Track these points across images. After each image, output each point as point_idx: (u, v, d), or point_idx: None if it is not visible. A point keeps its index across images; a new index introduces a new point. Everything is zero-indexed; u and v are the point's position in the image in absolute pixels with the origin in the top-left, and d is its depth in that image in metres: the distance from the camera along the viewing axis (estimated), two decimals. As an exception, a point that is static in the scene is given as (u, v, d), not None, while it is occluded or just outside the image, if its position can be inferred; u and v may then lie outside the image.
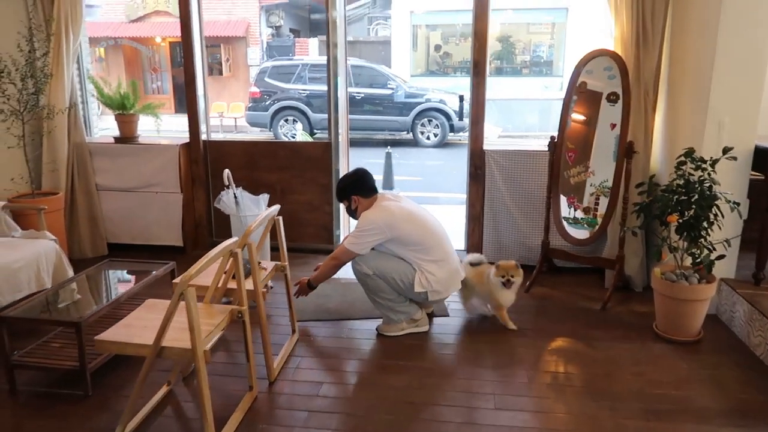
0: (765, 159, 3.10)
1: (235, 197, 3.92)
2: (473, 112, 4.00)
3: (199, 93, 4.35)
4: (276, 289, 3.68)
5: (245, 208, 3.92)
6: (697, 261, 2.95)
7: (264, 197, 4.05)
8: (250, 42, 16.27)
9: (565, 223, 3.73)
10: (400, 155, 9.88)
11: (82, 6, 4.07)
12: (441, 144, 11.41)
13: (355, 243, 2.98)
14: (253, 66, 15.46)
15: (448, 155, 10.67)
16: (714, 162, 2.94)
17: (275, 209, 2.94)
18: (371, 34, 18.48)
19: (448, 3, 14.57)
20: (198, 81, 4.31)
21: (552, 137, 3.70)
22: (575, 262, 3.81)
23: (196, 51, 4.27)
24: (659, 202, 3.07)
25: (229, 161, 4.36)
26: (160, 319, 2.05)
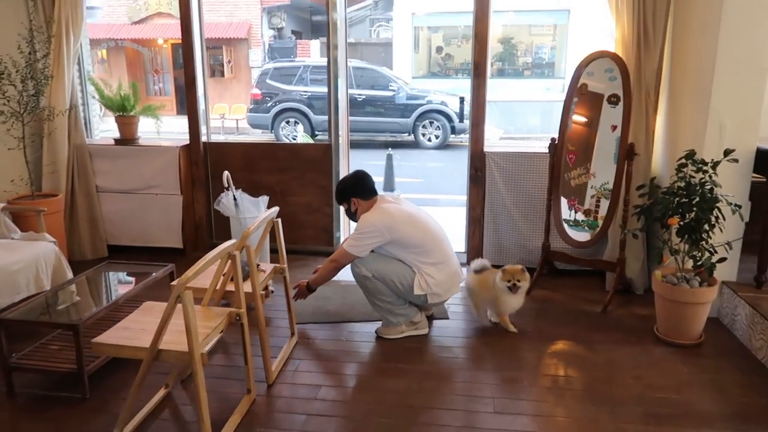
0: (766, 161, 3.08)
1: (235, 199, 3.92)
2: (474, 114, 3.99)
3: (200, 95, 4.34)
4: (275, 292, 3.67)
5: (245, 210, 3.92)
6: (699, 264, 2.93)
7: (264, 199, 4.05)
8: (252, 44, 16.29)
9: (566, 226, 3.71)
10: (401, 157, 9.88)
11: (82, 8, 4.07)
12: (442, 146, 11.40)
13: (355, 245, 2.97)
14: (255, 68, 15.48)
15: (449, 157, 10.66)
16: (715, 164, 2.92)
17: (274, 211, 2.93)
18: (373, 35, 18.49)
19: (449, 5, 14.56)
20: (198, 83, 4.30)
21: (553, 139, 3.69)
22: (576, 264, 3.80)
23: (196, 52, 4.27)
24: (660, 204, 3.06)
25: (229, 163, 4.36)
26: (157, 322, 2.04)
